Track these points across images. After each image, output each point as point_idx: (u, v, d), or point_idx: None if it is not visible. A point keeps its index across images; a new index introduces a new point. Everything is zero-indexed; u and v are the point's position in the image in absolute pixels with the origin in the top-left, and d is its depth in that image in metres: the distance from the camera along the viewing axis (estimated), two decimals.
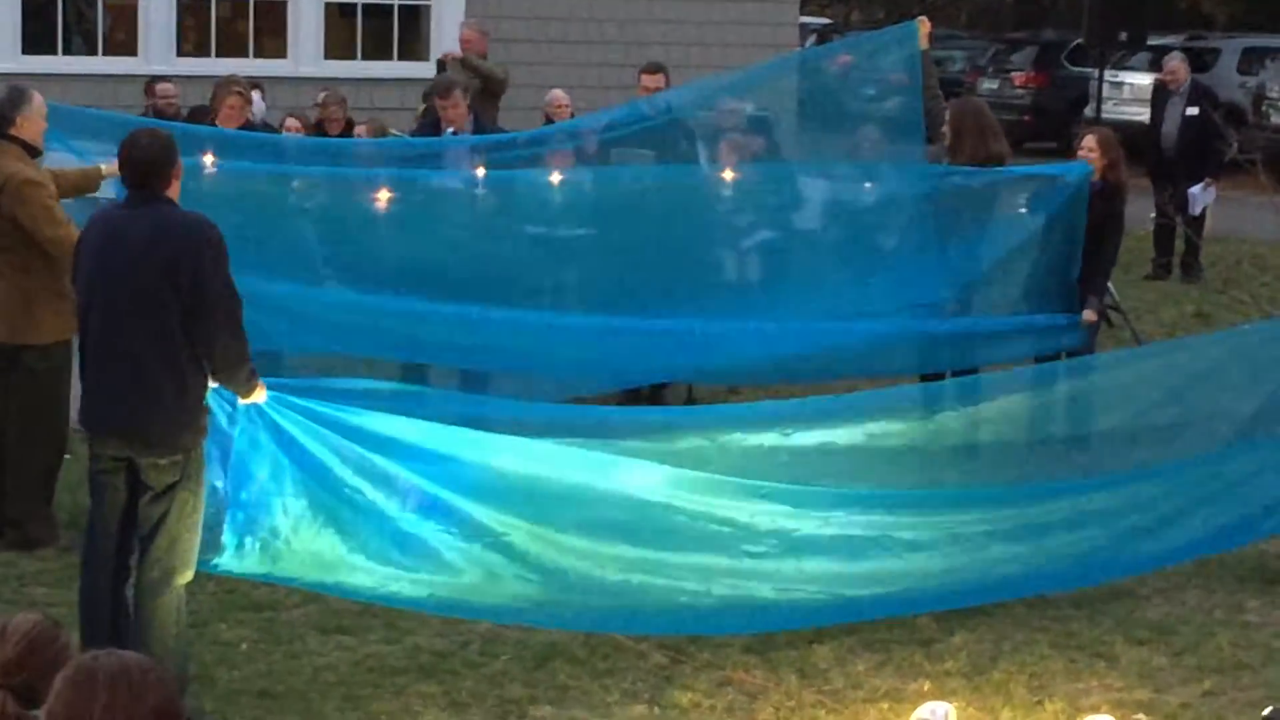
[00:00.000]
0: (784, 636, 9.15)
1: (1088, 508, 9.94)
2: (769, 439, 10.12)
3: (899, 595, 9.43)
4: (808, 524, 9.43)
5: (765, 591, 9.31)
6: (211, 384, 8.07)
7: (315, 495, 8.79)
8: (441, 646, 9.02)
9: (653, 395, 13.29)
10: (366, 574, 8.94)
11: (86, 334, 8.09)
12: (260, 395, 8.26)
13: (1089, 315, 11.98)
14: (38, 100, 10.20)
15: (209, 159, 11.32)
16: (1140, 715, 8.39)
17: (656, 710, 8.34)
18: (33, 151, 10.08)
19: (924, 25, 12.77)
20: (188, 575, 8.08)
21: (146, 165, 7.98)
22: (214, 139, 12.31)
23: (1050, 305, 12.22)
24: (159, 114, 16.26)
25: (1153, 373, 11.60)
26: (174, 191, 8.03)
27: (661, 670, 8.81)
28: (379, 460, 8.88)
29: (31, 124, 10.09)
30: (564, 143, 13.45)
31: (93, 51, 20.94)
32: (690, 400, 13.44)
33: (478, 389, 12.07)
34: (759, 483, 9.49)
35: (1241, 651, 9.31)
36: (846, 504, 9.63)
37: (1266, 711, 8.18)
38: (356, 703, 8.31)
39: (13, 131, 10.02)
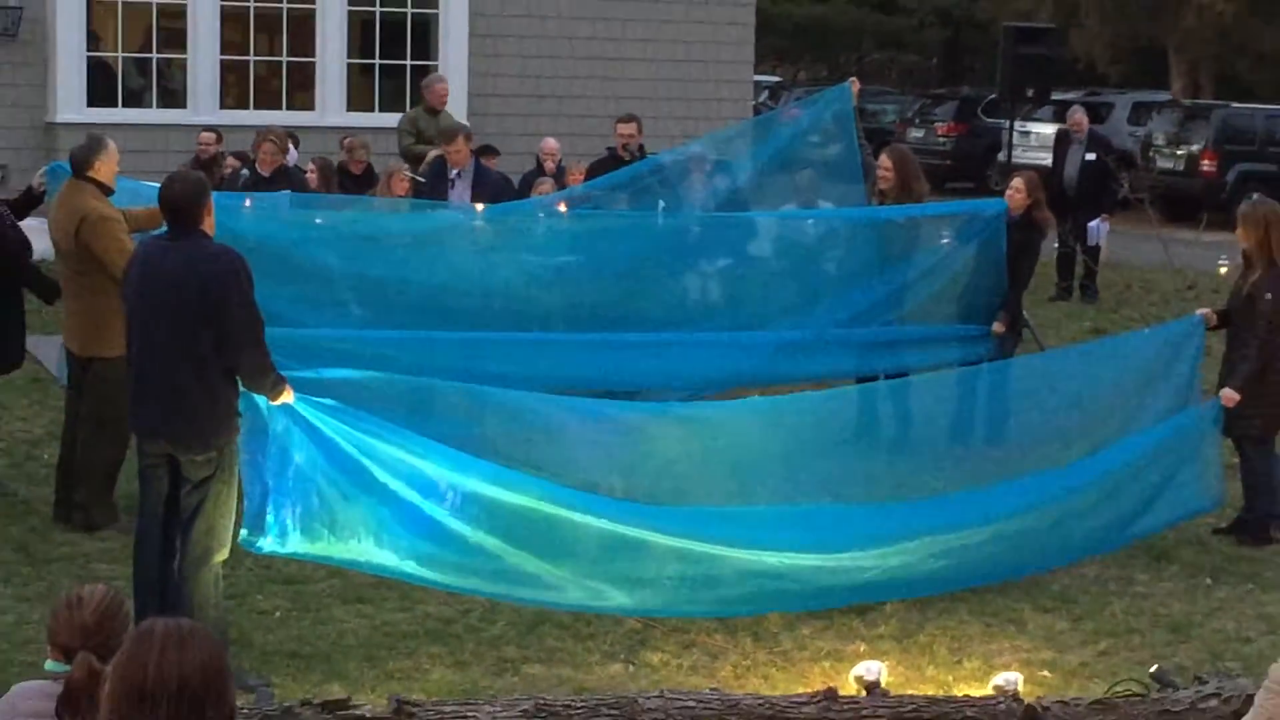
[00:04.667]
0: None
1: (1005, 523, 9.92)
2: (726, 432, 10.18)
3: (843, 586, 9.43)
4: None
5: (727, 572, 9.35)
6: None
7: (342, 484, 8.78)
8: (447, 614, 9.05)
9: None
10: (386, 553, 8.97)
11: (132, 349, 8.14)
12: (288, 396, 8.24)
13: (997, 326, 12.08)
14: (112, 147, 10.22)
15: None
16: (1045, 672, 8.44)
17: (631, 669, 8.39)
18: (106, 190, 10.06)
19: (855, 85, 13.02)
20: (224, 554, 8.14)
21: (180, 204, 8.00)
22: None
23: (971, 319, 12.31)
24: (197, 159, 16.29)
25: (1054, 374, 11.70)
26: (208, 226, 8.04)
27: (635, 634, 8.85)
28: (398, 452, 8.90)
29: (107, 167, 10.09)
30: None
31: (147, 105, 20.94)
32: None
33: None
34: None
35: (1132, 618, 9.36)
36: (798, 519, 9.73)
37: (1153, 669, 8.22)
38: (374, 662, 8.34)
39: (90, 173, 10.03)
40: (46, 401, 12.93)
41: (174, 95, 21.09)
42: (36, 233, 11.40)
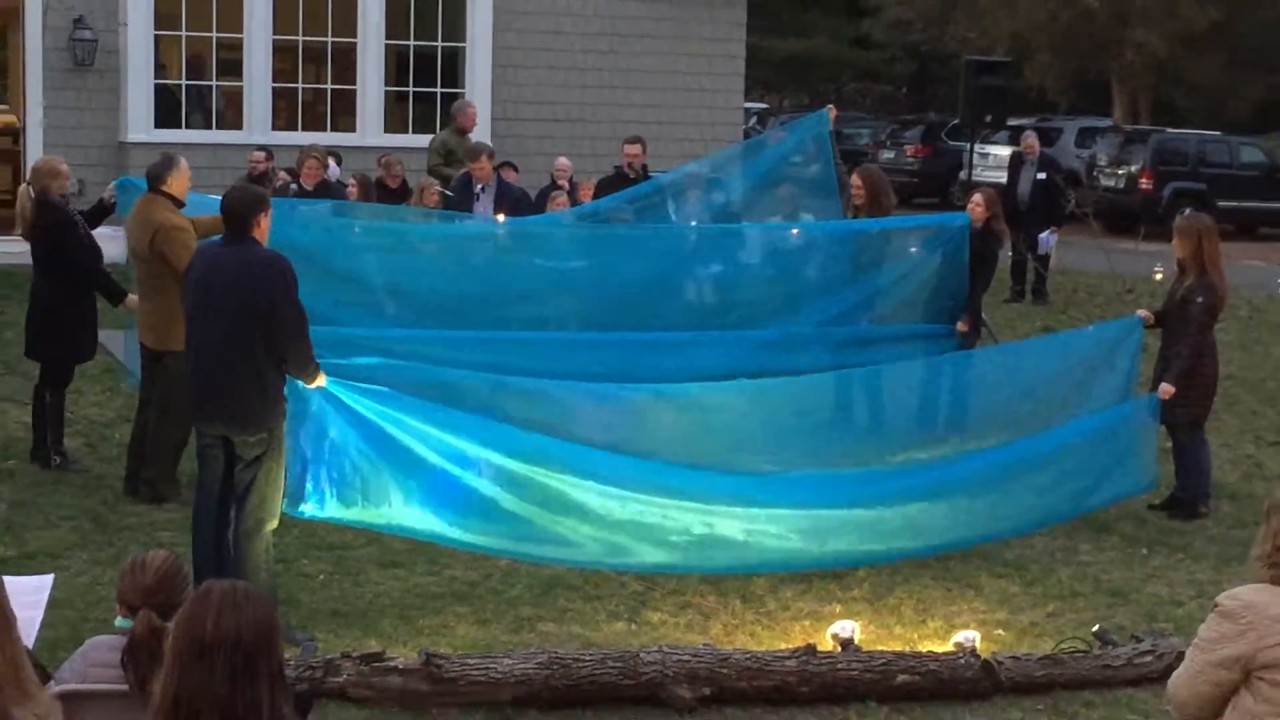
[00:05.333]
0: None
1: (963, 497, 9.97)
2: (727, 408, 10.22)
3: (818, 556, 9.45)
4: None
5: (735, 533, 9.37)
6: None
7: (373, 456, 8.84)
8: (472, 577, 9.06)
9: None
10: (417, 519, 9.01)
11: (191, 342, 8.14)
12: (321, 380, 8.31)
13: (960, 325, 12.07)
14: (184, 165, 10.23)
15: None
16: (1000, 631, 8.46)
17: (634, 626, 8.39)
18: (178, 203, 10.06)
19: (832, 112, 13.07)
20: (274, 523, 8.14)
21: (238, 212, 8.01)
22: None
23: (937, 319, 12.31)
24: (250, 174, 16.29)
25: (1009, 366, 11.71)
26: (261, 233, 8.03)
27: (638, 596, 8.87)
28: (425, 427, 8.93)
29: (179, 183, 10.10)
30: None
31: (207, 126, 20.93)
32: None
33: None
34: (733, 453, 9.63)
35: (1076, 583, 9.39)
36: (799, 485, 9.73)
37: (1095, 628, 8.25)
38: (406, 620, 8.35)
39: (164, 188, 10.04)
40: (116, 389, 12.94)
41: (231, 118, 21.10)
42: (107, 239, 11.45)
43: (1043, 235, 20.30)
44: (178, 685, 3.80)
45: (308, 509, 8.68)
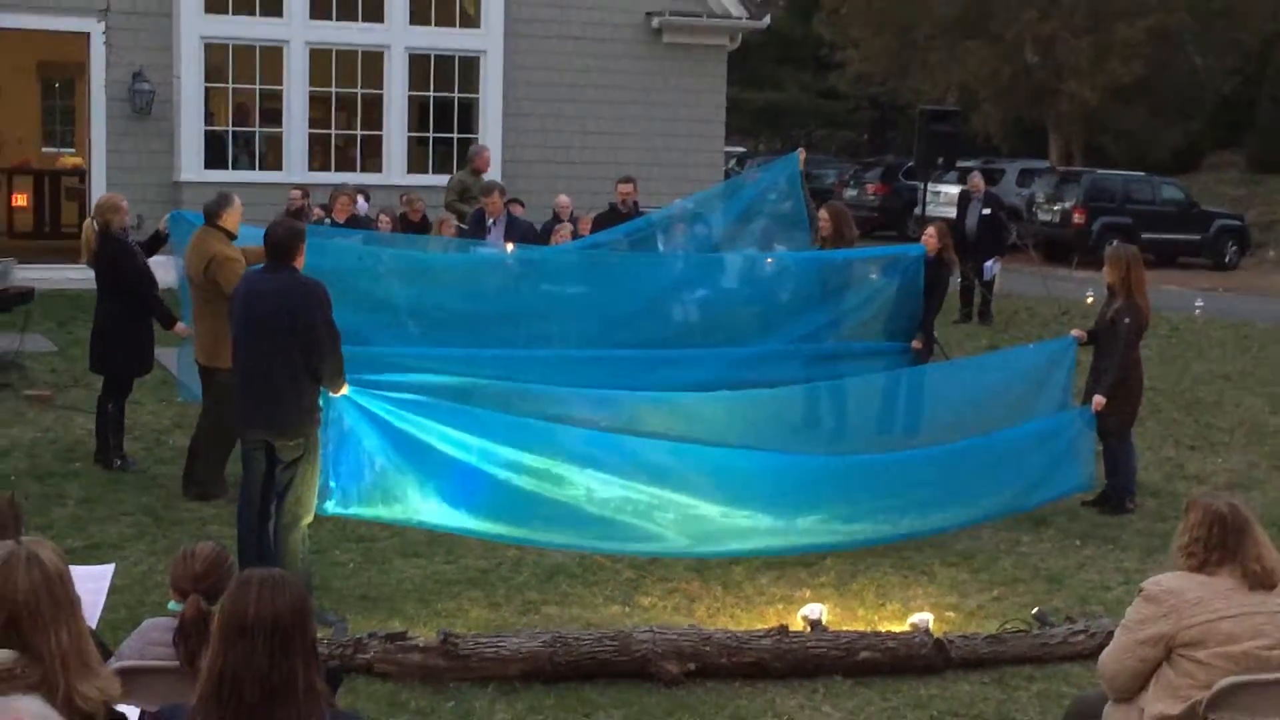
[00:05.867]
0: (713, 560, 9.15)
1: (917, 491, 9.94)
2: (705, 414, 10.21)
3: (793, 545, 9.44)
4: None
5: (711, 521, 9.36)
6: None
7: (393, 457, 8.83)
8: (484, 566, 9.04)
9: None
10: (435, 514, 9.00)
11: (238, 358, 8.12)
12: (345, 389, 8.32)
13: (915, 343, 12.07)
14: (237, 202, 10.19)
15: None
16: (950, 613, 8.45)
17: (627, 609, 8.36)
18: (231, 236, 10.04)
19: (802, 154, 13.09)
20: (309, 518, 8.13)
21: (278, 244, 8.00)
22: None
23: (895, 338, 12.31)
24: (289, 210, 16.30)
25: (958, 379, 11.72)
26: (299, 262, 8.04)
27: (631, 582, 8.84)
28: (441, 426, 8.92)
29: (232, 218, 10.07)
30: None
31: (252, 167, 20.92)
32: None
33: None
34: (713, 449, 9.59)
35: (1018, 571, 9.37)
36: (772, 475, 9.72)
37: (1034, 610, 8.25)
38: (426, 603, 8.33)
39: (219, 222, 10.01)
40: (171, 399, 12.90)
41: (272, 160, 21.10)
42: (160, 267, 11.44)
43: (988, 263, 20.35)
44: (223, 661, 3.79)
45: (331, 506, 8.67)
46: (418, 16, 21.32)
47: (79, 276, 13.86)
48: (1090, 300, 17.06)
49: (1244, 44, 34.88)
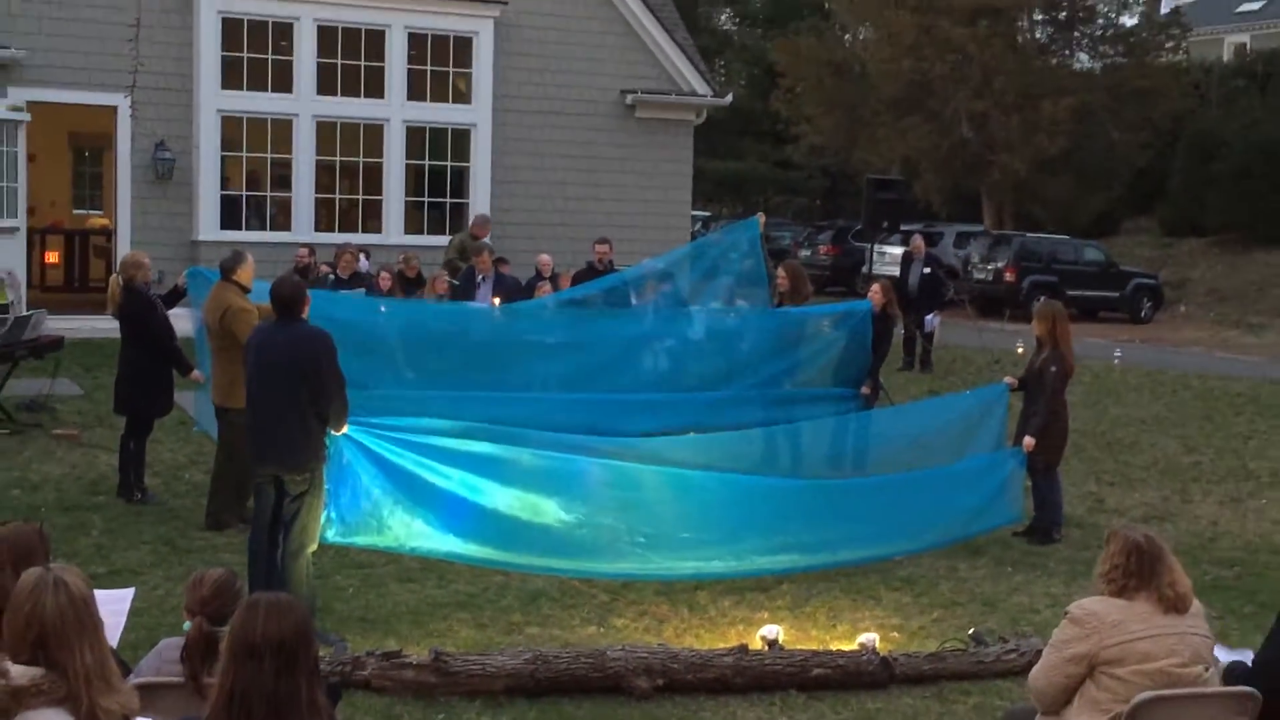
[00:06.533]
0: (679, 584, 9.14)
1: (863, 523, 9.94)
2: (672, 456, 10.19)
3: (751, 569, 9.42)
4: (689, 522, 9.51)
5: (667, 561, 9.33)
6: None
7: (389, 489, 8.82)
8: (472, 590, 8.98)
9: None
10: (425, 541, 8.97)
11: (251, 400, 8.09)
12: (345, 429, 8.31)
13: (864, 389, 12.11)
14: (250, 259, 10.19)
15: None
16: (895, 633, 8.42)
17: (602, 629, 8.32)
18: (245, 289, 10.03)
19: (761, 218, 13.20)
20: (314, 546, 8.07)
21: (286, 299, 8.00)
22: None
23: (845, 384, 12.34)
24: (297, 267, 16.29)
25: (902, 421, 11.75)
26: (305, 313, 8.04)
27: (605, 605, 8.80)
28: (432, 462, 8.91)
29: (246, 273, 10.06)
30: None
31: (263, 228, 20.94)
32: None
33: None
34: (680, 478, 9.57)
35: (956, 595, 9.36)
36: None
37: (970, 631, 8.24)
38: (420, 624, 8.27)
39: (234, 277, 10.01)
40: (188, 438, 12.87)
41: (281, 221, 21.09)
42: (178, 318, 11.41)
43: (928, 317, 20.43)
44: (233, 678, 3.76)
45: (330, 534, 8.65)
46: (414, 93, 21.41)
47: (105, 326, 13.78)
48: (1020, 350, 17.11)
49: (1155, 122, 35.18)
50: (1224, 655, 5.80)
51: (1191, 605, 5.23)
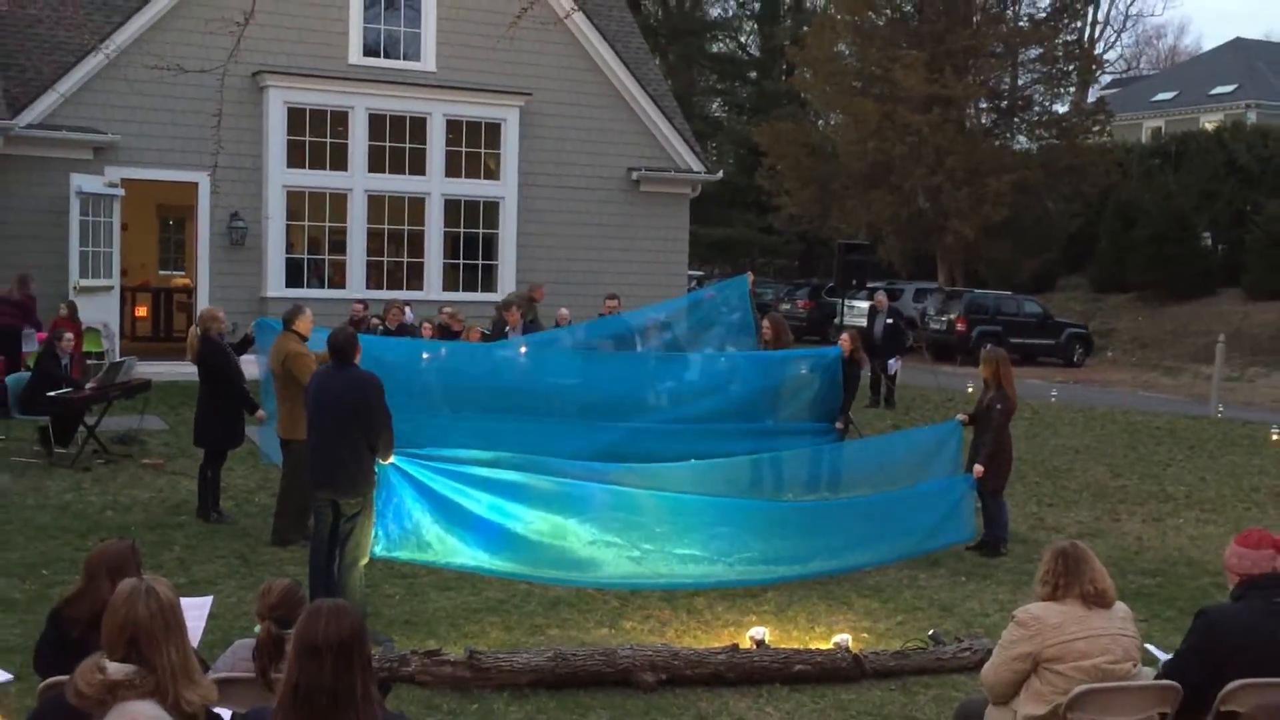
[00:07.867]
0: (680, 592, 9.11)
1: (837, 537, 9.91)
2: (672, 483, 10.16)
3: (739, 579, 9.39)
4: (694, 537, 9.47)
5: (666, 569, 9.30)
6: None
7: (430, 510, 8.80)
8: (501, 597, 8.95)
9: None
10: (459, 556, 8.94)
11: (311, 434, 8.10)
12: (391, 459, 8.31)
13: (837, 425, 12.10)
14: (308, 312, 10.25)
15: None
16: (865, 634, 8.39)
17: (613, 631, 8.29)
18: (303, 338, 10.06)
19: (750, 276, 13.22)
20: (366, 560, 8.07)
21: (339, 346, 8.02)
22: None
23: (821, 420, 12.33)
24: (352, 319, 16.31)
25: (870, 452, 11.73)
26: (357, 359, 8.06)
27: (616, 610, 8.77)
28: (465, 487, 8.90)
29: (304, 324, 10.10)
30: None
31: (321, 286, 20.95)
32: None
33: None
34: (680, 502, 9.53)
35: (917, 601, 9.32)
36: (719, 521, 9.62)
37: (930, 632, 8.20)
38: (456, 626, 8.24)
39: (295, 327, 10.06)
40: (257, 466, 12.88)
41: (337, 280, 21.14)
42: (247, 364, 11.43)
43: (891, 361, 20.44)
44: (297, 674, 3.75)
45: (378, 549, 8.62)
46: (451, 170, 21.50)
47: (185, 371, 13.79)
48: (971, 390, 17.15)
49: (1085, 194, 35.29)
50: (1162, 655, 5.81)
51: (1114, 600, 5.22)
